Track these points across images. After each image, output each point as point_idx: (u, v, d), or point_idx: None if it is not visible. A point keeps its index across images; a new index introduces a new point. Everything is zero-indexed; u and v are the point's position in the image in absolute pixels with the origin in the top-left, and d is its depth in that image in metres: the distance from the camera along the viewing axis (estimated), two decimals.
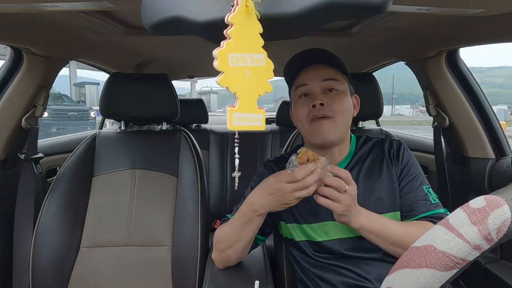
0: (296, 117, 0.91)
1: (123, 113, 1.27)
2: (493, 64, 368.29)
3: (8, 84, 1.17)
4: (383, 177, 0.89)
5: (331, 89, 0.87)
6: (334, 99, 0.86)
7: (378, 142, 0.96)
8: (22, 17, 0.89)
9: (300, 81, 0.89)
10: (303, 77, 0.89)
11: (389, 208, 0.86)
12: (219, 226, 0.93)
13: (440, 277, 0.38)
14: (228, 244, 0.88)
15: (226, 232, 0.89)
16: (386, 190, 0.87)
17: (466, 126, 1.36)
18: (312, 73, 0.88)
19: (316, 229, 0.88)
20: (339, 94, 0.87)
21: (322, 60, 0.89)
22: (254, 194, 0.82)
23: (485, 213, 0.37)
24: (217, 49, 0.46)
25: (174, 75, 2.43)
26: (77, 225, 1.13)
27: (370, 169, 0.90)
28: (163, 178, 1.21)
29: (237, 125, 0.48)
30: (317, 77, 0.87)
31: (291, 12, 0.46)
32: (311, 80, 0.88)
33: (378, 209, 0.85)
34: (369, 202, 0.86)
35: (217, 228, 0.94)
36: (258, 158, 2.14)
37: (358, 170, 0.91)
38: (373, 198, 0.87)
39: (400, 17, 0.99)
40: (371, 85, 1.43)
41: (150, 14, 0.51)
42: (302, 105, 0.89)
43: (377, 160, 0.92)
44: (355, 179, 0.88)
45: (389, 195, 0.87)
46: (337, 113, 0.85)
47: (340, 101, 0.86)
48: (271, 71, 0.49)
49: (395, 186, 0.88)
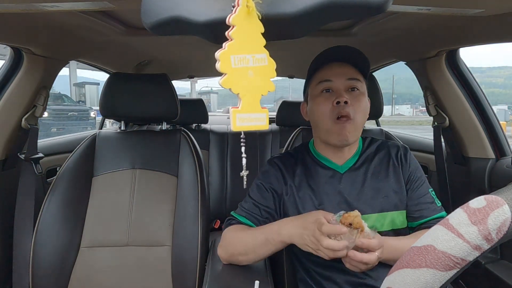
0: (316, 113, 0.89)
1: (123, 113, 1.27)
2: (493, 64, 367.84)
3: (8, 84, 1.17)
4: (390, 177, 0.90)
5: (354, 89, 0.87)
6: (356, 99, 0.86)
7: (384, 144, 0.97)
8: (22, 17, 0.89)
9: (324, 76, 0.88)
10: (327, 72, 0.88)
11: (395, 207, 0.88)
12: (233, 228, 0.91)
13: (440, 277, 0.38)
14: (243, 253, 0.87)
15: (245, 241, 0.87)
16: (392, 189, 0.89)
17: (466, 126, 1.36)
18: (338, 70, 0.88)
19: None
20: (360, 94, 0.88)
21: (349, 60, 0.89)
22: (287, 221, 0.82)
23: (485, 213, 0.37)
24: (219, 51, 0.46)
25: (174, 75, 2.43)
26: (77, 225, 1.13)
27: (377, 168, 0.92)
28: (163, 178, 1.21)
29: (241, 126, 0.48)
30: (343, 74, 0.87)
31: (291, 12, 0.46)
32: (336, 76, 0.87)
33: (384, 207, 0.87)
34: (376, 200, 0.87)
35: (228, 228, 0.92)
36: (258, 158, 2.14)
37: (366, 169, 0.92)
38: (380, 196, 0.88)
39: (400, 17, 0.99)
40: (371, 85, 1.43)
41: (150, 14, 0.51)
42: (324, 100, 0.87)
43: (383, 160, 0.93)
44: (363, 177, 0.90)
45: (396, 194, 0.89)
46: (358, 114, 0.86)
47: (361, 102, 0.87)
48: (273, 70, 0.49)
49: (401, 186, 0.90)
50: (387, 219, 0.87)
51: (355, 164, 0.93)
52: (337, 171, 0.92)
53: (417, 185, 0.90)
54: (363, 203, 0.87)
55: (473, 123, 1.34)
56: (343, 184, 0.89)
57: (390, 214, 0.87)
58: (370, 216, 0.86)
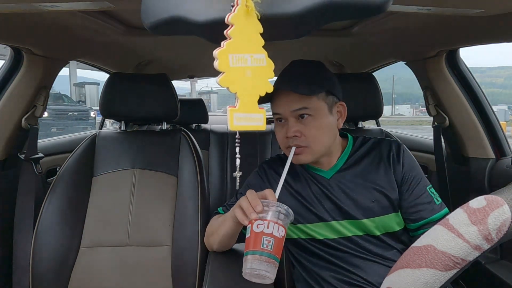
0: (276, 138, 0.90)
1: (123, 113, 1.27)
2: (493, 64, 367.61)
3: (8, 84, 1.17)
4: (380, 179, 0.87)
5: (303, 115, 0.83)
6: (308, 126, 0.83)
7: (376, 143, 0.93)
8: (22, 17, 0.89)
9: (273, 107, 0.87)
10: (275, 103, 0.86)
11: (387, 210, 0.86)
12: (212, 219, 1.02)
13: (440, 277, 0.38)
14: (210, 234, 0.99)
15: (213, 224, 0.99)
16: (383, 192, 0.86)
17: (466, 126, 1.36)
18: (282, 100, 0.84)
19: (317, 229, 0.88)
20: (313, 119, 0.83)
21: (292, 87, 0.82)
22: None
23: (485, 213, 0.37)
24: (217, 49, 0.46)
25: (174, 75, 2.44)
26: (77, 225, 1.13)
27: (366, 171, 0.89)
28: (163, 178, 1.21)
29: (238, 125, 0.49)
30: (287, 105, 0.83)
31: (291, 12, 0.46)
32: (282, 108, 0.84)
33: (376, 211, 0.85)
34: (366, 204, 0.85)
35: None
36: (258, 158, 2.14)
37: (354, 172, 0.89)
38: (370, 200, 0.86)
39: (400, 17, 0.99)
40: (371, 85, 1.43)
41: (150, 14, 0.51)
42: (279, 130, 0.87)
43: (374, 162, 0.90)
44: (351, 181, 0.88)
45: (387, 197, 0.86)
46: (313, 141, 0.83)
47: (315, 128, 0.83)
48: (271, 71, 0.49)
49: (393, 188, 0.87)
50: (379, 224, 0.85)
51: (342, 167, 0.90)
52: (323, 176, 0.90)
53: (413, 186, 0.87)
54: (353, 207, 0.85)
55: (473, 123, 1.34)
56: (332, 189, 0.88)
57: (382, 218, 0.85)
58: (361, 222, 0.85)
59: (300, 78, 0.85)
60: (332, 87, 0.87)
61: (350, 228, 0.86)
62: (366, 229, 0.85)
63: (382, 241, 0.86)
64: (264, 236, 0.71)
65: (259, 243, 0.70)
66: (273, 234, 0.71)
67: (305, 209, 0.89)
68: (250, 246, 0.72)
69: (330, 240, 0.87)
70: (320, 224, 0.88)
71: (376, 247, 0.85)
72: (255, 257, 0.70)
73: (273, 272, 0.70)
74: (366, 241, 0.86)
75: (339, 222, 0.86)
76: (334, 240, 0.86)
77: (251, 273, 0.70)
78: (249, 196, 0.76)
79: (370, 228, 0.85)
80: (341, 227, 0.86)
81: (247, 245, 0.73)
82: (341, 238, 0.86)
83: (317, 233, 0.88)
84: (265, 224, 0.72)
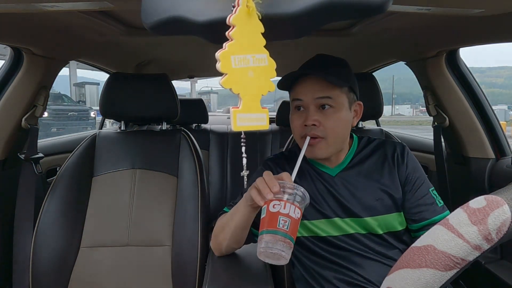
0: (292, 127, 0.89)
1: (123, 113, 1.27)
2: (493, 64, 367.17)
3: (8, 84, 1.17)
4: (385, 179, 0.89)
5: (325, 106, 0.84)
6: (328, 117, 0.83)
7: (380, 143, 0.95)
8: (22, 17, 0.89)
9: (295, 93, 0.87)
10: (298, 89, 0.86)
11: (390, 209, 0.87)
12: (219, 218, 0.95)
13: (440, 277, 0.38)
14: (220, 229, 0.91)
15: (222, 220, 0.92)
16: (387, 191, 0.87)
17: (466, 126, 1.36)
18: (307, 87, 0.84)
19: (320, 225, 0.88)
20: (334, 111, 0.84)
21: (319, 73, 0.84)
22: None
23: (485, 213, 0.37)
24: (219, 51, 0.46)
25: (174, 75, 2.44)
26: (77, 225, 1.13)
27: (370, 170, 0.90)
28: (163, 178, 1.21)
29: (241, 126, 0.49)
30: (311, 92, 0.83)
31: (291, 12, 0.46)
32: (305, 95, 0.84)
33: (380, 210, 0.86)
34: (370, 202, 0.86)
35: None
36: (258, 158, 2.14)
37: (358, 171, 0.90)
38: (373, 198, 0.87)
39: (400, 17, 0.99)
40: (371, 85, 1.43)
41: (150, 14, 0.51)
42: (296, 118, 0.87)
43: (378, 161, 0.91)
44: (356, 179, 0.89)
45: (391, 196, 0.87)
46: (330, 133, 0.83)
47: (334, 120, 0.83)
48: (273, 71, 0.49)
49: (397, 188, 0.88)
50: (382, 223, 0.86)
51: (348, 166, 0.91)
52: (328, 174, 0.91)
53: (416, 186, 0.88)
54: (357, 205, 0.86)
55: (473, 123, 1.34)
56: (336, 187, 0.89)
57: (386, 217, 0.86)
58: (365, 220, 0.85)
59: (329, 69, 0.86)
60: (354, 85, 0.89)
61: (353, 225, 0.86)
62: (369, 227, 0.86)
63: (385, 240, 0.87)
64: (280, 216, 0.69)
65: (275, 223, 0.69)
66: (289, 214, 0.69)
67: (309, 206, 0.89)
68: (265, 225, 0.70)
69: (333, 237, 0.87)
70: (323, 221, 0.88)
71: (378, 246, 0.86)
72: (271, 236, 0.68)
73: (288, 253, 0.68)
74: (369, 239, 0.86)
75: (343, 220, 0.87)
76: (337, 237, 0.87)
77: (266, 251, 0.68)
78: (266, 177, 0.73)
79: (373, 227, 0.85)
80: (344, 224, 0.86)
81: (262, 225, 0.71)
82: (344, 235, 0.87)
83: (320, 229, 0.88)
84: (281, 204, 0.70)
